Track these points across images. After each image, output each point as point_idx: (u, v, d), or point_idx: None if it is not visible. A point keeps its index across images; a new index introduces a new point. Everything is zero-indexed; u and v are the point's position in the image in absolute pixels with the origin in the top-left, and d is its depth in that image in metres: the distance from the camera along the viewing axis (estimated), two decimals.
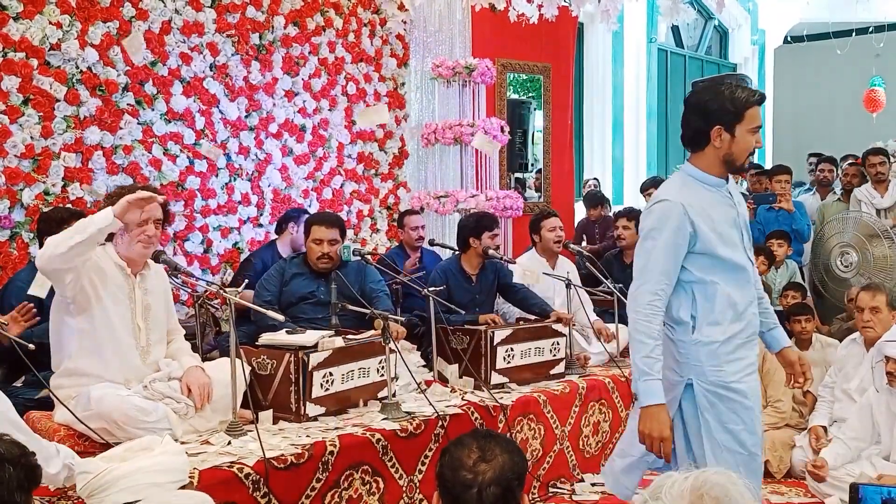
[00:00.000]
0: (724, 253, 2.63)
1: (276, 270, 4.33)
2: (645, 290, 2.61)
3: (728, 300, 2.65)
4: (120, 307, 3.23)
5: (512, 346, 4.34)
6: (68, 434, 3.11)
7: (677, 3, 6.23)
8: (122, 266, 3.27)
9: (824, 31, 11.17)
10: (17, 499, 1.66)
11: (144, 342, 3.30)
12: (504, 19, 6.34)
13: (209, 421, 3.30)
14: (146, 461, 2.21)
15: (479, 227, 4.83)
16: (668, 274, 2.62)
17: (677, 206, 2.60)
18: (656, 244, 2.62)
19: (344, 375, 3.63)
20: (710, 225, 2.63)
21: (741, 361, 2.69)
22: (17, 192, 4.61)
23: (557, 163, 7.61)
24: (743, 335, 2.69)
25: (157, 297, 3.40)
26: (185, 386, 3.26)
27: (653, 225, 2.65)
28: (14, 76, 4.57)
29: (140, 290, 3.31)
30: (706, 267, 2.64)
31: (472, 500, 1.77)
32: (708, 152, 2.67)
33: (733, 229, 2.70)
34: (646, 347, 2.58)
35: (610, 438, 4.66)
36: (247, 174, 5.83)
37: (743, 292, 2.68)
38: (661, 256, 2.61)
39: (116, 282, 3.24)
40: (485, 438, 1.85)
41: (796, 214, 6.36)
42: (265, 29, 5.88)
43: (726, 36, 12.33)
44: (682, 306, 2.68)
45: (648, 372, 2.57)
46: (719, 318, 2.65)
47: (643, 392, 2.58)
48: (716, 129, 2.62)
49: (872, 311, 4.24)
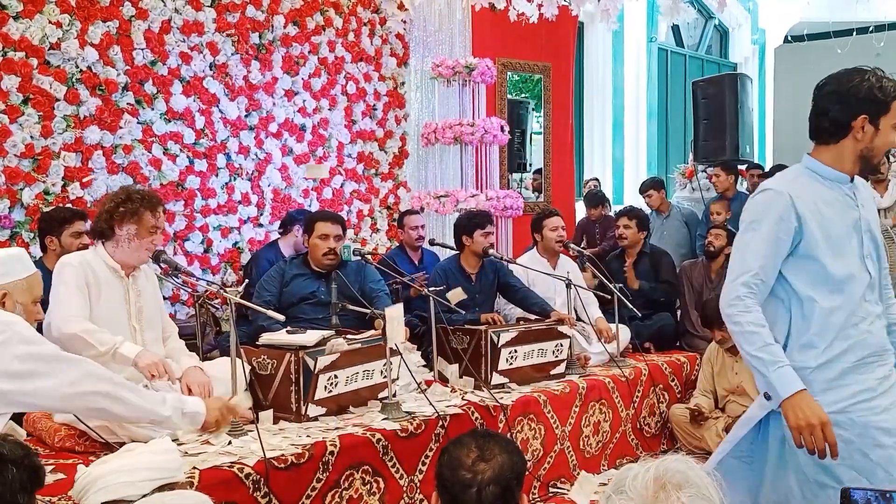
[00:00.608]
0: (830, 262, 2.32)
1: (276, 271, 4.33)
2: (738, 283, 2.31)
3: (828, 319, 2.31)
4: (115, 311, 3.26)
5: (516, 347, 4.34)
6: (69, 434, 3.11)
7: (677, 2, 6.23)
8: (115, 269, 3.28)
9: (824, 31, 11.17)
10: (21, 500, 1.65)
11: (141, 343, 3.31)
12: (504, 19, 6.34)
13: None
14: (123, 460, 2.22)
15: (471, 226, 4.82)
16: (765, 270, 2.31)
17: (783, 196, 2.31)
18: (755, 236, 2.32)
19: (349, 378, 3.63)
20: (820, 223, 2.32)
21: (848, 388, 2.30)
22: (17, 192, 4.61)
23: (557, 163, 7.61)
24: (850, 357, 2.32)
25: (150, 298, 3.42)
26: (186, 386, 3.27)
27: (753, 216, 2.36)
28: (14, 76, 4.57)
29: (134, 292, 3.34)
30: (805, 279, 2.34)
31: (471, 499, 1.77)
32: (844, 145, 2.35)
33: (851, 233, 2.36)
34: (758, 337, 2.27)
35: (610, 438, 4.66)
36: (247, 174, 5.82)
37: (853, 308, 2.33)
38: (759, 249, 2.31)
39: (111, 285, 3.26)
40: (484, 438, 1.85)
41: None
42: (265, 28, 5.88)
43: (726, 35, 12.32)
44: (773, 323, 2.34)
45: (775, 360, 2.25)
46: (815, 340, 2.32)
47: (778, 382, 2.24)
48: (860, 118, 2.32)
49: None
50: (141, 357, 3.07)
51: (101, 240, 3.29)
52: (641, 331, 5.36)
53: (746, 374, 4.75)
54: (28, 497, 1.68)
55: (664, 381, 5.08)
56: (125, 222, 3.26)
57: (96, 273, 3.23)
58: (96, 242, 3.32)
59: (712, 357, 4.94)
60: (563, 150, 7.67)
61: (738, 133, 7.16)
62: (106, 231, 3.27)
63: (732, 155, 7.19)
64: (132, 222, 3.27)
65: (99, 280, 3.22)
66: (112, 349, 3.04)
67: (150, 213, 3.30)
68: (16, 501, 1.64)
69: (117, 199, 3.29)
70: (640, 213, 5.85)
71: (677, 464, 1.38)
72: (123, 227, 3.25)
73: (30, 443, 3.18)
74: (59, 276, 3.19)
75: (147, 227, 3.29)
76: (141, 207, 3.28)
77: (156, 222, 3.31)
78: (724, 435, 4.72)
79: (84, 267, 3.21)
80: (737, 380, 4.80)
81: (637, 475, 1.37)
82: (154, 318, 3.41)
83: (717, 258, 5.70)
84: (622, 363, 4.91)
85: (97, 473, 2.16)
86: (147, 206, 3.30)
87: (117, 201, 3.28)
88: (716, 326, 4.68)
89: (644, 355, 5.21)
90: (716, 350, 4.91)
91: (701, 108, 7.45)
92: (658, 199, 6.94)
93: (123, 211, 3.25)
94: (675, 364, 5.21)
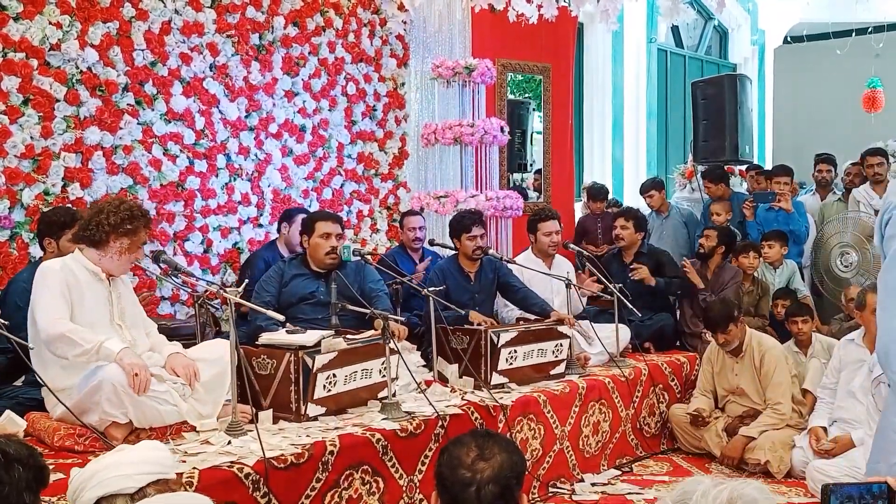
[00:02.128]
0: None
1: (276, 271, 4.33)
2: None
3: None
4: (98, 312, 3.29)
5: (516, 347, 4.34)
6: (68, 433, 3.11)
7: (677, 3, 6.23)
8: (96, 272, 3.31)
9: (824, 32, 11.17)
10: (26, 499, 1.66)
11: (130, 337, 3.36)
12: (504, 19, 6.34)
13: (205, 403, 3.36)
14: (115, 456, 2.24)
15: (459, 229, 4.83)
16: None
17: None
18: None
19: (347, 377, 3.63)
20: None
21: None
22: (17, 192, 4.61)
23: (557, 163, 7.60)
24: None
25: (128, 300, 3.47)
26: (171, 369, 3.33)
27: None
28: (14, 76, 4.57)
29: (115, 294, 3.38)
30: None
31: (470, 498, 1.76)
32: None
33: None
34: None
35: (610, 438, 4.66)
36: (247, 174, 5.83)
37: None
38: None
39: (92, 288, 3.30)
40: (483, 438, 1.85)
41: (794, 215, 6.35)
42: (265, 29, 5.88)
43: (726, 36, 12.31)
44: None
45: None
46: None
47: None
48: None
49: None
50: (125, 354, 3.09)
51: (88, 246, 3.31)
52: (641, 331, 5.37)
53: (746, 376, 4.76)
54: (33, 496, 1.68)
55: (664, 381, 5.09)
56: (121, 237, 3.29)
57: (77, 277, 3.26)
58: (80, 247, 3.34)
59: (712, 357, 4.94)
60: (563, 151, 7.67)
61: (737, 133, 7.15)
62: (99, 240, 3.28)
63: (732, 155, 7.19)
64: (127, 237, 3.31)
65: (80, 283, 3.26)
66: (97, 345, 3.07)
67: (144, 231, 3.38)
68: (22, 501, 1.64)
69: (121, 215, 3.29)
70: (638, 213, 5.85)
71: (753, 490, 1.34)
72: (118, 240, 3.29)
73: (29, 442, 3.18)
74: (43, 281, 3.22)
75: (139, 243, 3.35)
76: (140, 226, 3.33)
77: (146, 239, 3.36)
78: (724, 435, 4.74)
79: (65, 272, 3.24)
80: (736, 381, 4.80)
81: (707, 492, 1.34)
82: (136, 317, 3.47)
83: (710, 258, 5.70)
84: (622, 363, 4.91)
85: (91, 470, 2.18)
86: (146, 224, 3.37)
87: (122, 217, 3.29)
88: (719, 330, 4.68)
89: (644, 355, 5.21)
90: (716, 350, 4.91)
91: (700, 109, 7.44)
92: (659, 199, 6.94)
93: (128, 228, 3.29)
94: (674, 364, 5.21)
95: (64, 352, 3.08)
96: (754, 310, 5.62)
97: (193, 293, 4.50)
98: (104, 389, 3.03)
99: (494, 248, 5.50)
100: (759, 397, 4.72)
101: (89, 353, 3.06)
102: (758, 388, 4.73)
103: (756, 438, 4.55)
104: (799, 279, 6.16)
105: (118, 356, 3.06)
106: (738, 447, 4.57)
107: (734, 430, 4.67)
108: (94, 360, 3.08)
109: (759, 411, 4.69)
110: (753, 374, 4.74)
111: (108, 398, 3.03)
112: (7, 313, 3.87)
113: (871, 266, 6.07)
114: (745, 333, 4.76)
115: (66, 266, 3.27)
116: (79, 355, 3.07)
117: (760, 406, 4.70)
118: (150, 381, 3.10)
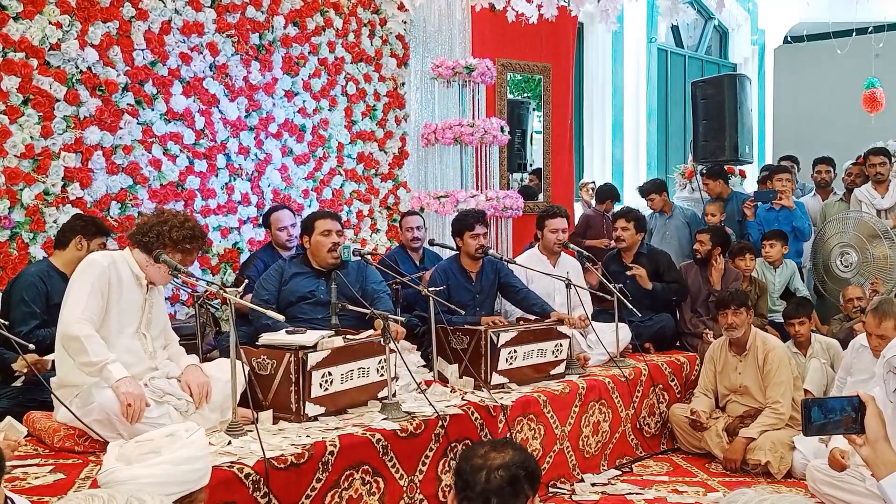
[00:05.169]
0: None
1: (275, 270, 4.32)
2: None
3: None
4: (129, 316, 3.28)
5: (516, 347, 4.34)
6: (68, 434, 3.11)
7: (677, 3, 6.23)
8: (139, 277, 3.30)
9: (824, 31, 11.16)
10: None
11: (151, 348, 3.35)
12: (504, 19, 6.34)
13: (208, 420, 3.31)
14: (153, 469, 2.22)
15: (461, 228, 4.83)
16: None
17: None
18: None
19: (343, 375, 3.62)
20: None
21: None
22: (17, 192, 4.61)
23: (557, 163, 7.60)
24: None
25: (159, 309, 3.46)
26: (185, 385, 3.29)
27: None
28: (14, 76, 4.57)
29: (148, 304, 3.36)
30: None
31: (479, 481, 1.97)
32: None
33: None
34: None
35: (610, 438, 4.66)
36: (247, 174, 5.83)
37: None
38: None
39: (131, 292, 3.28)
40: (499, 441, 2.17)
41: (797, 212, 6.35)
42: (265, 29, 5.88)
43: (726, 36, 12.31)
44: None
45: None
46: None
47: None
48: None
49: (879, 337, 3.99)
50: (123, 383, 3.03)
51: (142, 251, 3.28)
52: (641, 331, 5.37)
53: (750, 375, 4.76)
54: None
55: (664, 381, 5.08)
56: (177, 253, 3.27)
57: (121, 276, 3.24)
58: (131, 247, 3.31)
59: (715, 356, 4.94)
60: (563, 151, 7.67)
61: (737, 133, 7.15)
62: (153, 249, 3.25)
63: (732, 155, 7.18)
64: (182, 254, 3.29)
65: (122, 283, 3.24)
66: (102, 364, 3.03)
67: (196, 254, 3.40)
68: None
69: (184, 232, 3.27)
70: (638, 214, 5.84)
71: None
72: (172, 255, 3.26)
73: (29, 442, 3.18)
74: (84, 274, 3.18)
75: (188, 263, 3.34)
76: (197, 247, 3.35)
77: (196, 260, 3.36)
78: (724, 435, 4.73)
79: (111, 270, 3.21)
80: (740, 380, 4.80)
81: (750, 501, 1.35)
82: (160, 329, 3.45)
83: (709, 261, 5.70)
84: (622, 363, 4.91)
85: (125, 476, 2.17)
86: (201, 247, 3.41)
87: (184, 234, 3.26)
88: (733, 305, 4.69)
89: (644, 355, 5.21)
90: (718, 349, 4.91)
91: (700, 109, 7.44)
92: (661, 201, 6.91)
93: (187, 247, 3.28)
94: (674, 364, 5.21)
95: (73, 353, 3.07)
96: (753, 309, 5.62)
97: (193, 293, 4.50)
98: (96, 414, 3.03)
99: (494, 249, 5.50)
100: (763, 396, 4.72)
101: (92, 367, 3.04)
102: (761, 387, 4.73)
103: (756, 439, 4.54)
104: (799, 279, 6.16)
105: (115, 384, 3.02)
106: (739, 449, 4.56)
107: (734, 431, 4.67)
108: (94, 375, 3.06)
109: (760, 411, 4.68)
110: (757, 373, 4.74)
111: (98, 420, 3.04)
112: (9, 309, 3.88)
113: (871, 266, 6.07)
114: (750, 329, 4.78)
115: (113, 263, 3.23)
116: (84, 364, 3.05)
117: (763, 405, 4.70)
118: (143, 410, 3.04)
